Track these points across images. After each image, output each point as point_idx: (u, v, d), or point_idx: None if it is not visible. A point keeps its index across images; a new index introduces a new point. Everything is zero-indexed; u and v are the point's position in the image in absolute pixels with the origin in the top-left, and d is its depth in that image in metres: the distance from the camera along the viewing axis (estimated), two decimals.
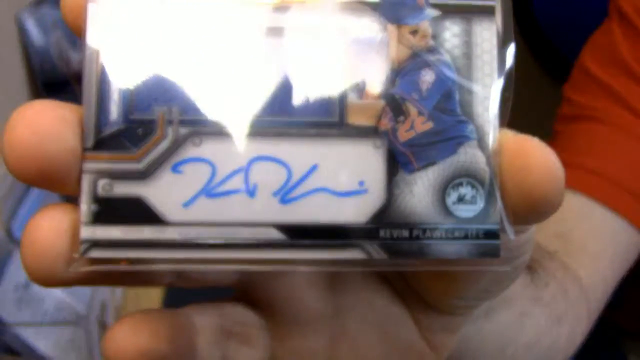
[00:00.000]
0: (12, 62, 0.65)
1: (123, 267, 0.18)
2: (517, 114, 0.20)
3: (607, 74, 0.55)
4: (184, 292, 0.24)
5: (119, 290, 0.65)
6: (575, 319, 0.46)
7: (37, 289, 0.56)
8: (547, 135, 0.58)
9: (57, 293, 0.58)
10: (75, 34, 0.19)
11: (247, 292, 0.24)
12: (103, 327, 0.57)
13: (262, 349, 0.24)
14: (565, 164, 0.56)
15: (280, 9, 0.19)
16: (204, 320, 0.22)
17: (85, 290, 0.58)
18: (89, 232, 0.18)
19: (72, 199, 0.19)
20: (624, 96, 0.53)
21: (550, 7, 1.12)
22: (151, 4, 0.19)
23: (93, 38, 0.18)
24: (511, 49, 0.20)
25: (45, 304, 0.56)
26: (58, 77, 0.68)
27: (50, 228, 0.18)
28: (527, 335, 0.39)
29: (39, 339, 0.53)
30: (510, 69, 0.19)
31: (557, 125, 0.58)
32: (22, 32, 0.65)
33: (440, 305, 0.24)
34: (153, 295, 0.65)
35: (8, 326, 0.52)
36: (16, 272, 0.55)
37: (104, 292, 0.58)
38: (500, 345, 0.34)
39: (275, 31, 0.19)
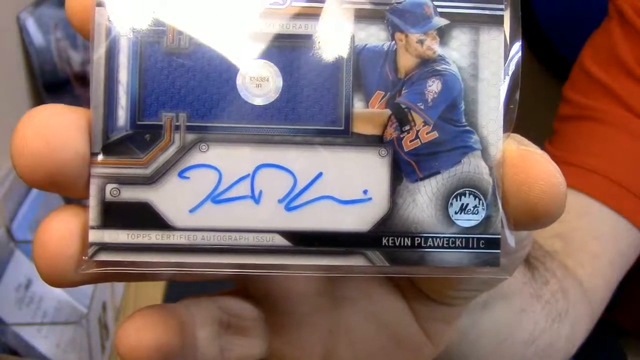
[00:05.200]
0: (12, 62, 0.65)
1: (130, 270, 0.19)
2: (517, 113, 0.20)
3: (606, 74, 0.54)
4: (184, 291, 0.24)
5: (119, 291, 0.65)
6: (575, 318, 0.46)
7: (37, 289, 0.56)
8: (548, 135, 0.58)
9: (57, 293, 0.58)
10: (82, 36, 0.19)
11: (246, 285, 0.25)
12: (103, 327, 0.57)
13: (260, 340, 0.24)
14: (565, 163, 0.55)
15: (290, 16, 0.19)
16: (203, 313, 0.23)
17: (85, 291, 0.58)
18: (97, 235, 0.18)
19: (75, 200, 0.19)
20: (624, 96, 0.53)
21: (550, 7, 1.12)
22: (158, 11, 0.19)
23: (100, 43, 0.18)
24: (518, 59, 0.19)
25: (45, 304, 0.56)
26: (58, 77, 0.68)
27: (61, 232, 0.18)
28: (525, 332, 0.39)
29: (39, 339, 0.53)
30: (517, 79, 0.19)
31: (556, 124, 0.58)
32: (23, 32, 0.65)
33: (437, 296, 0.24)
34: (153, 296, 0.65)
35: (8, 326, 0.52)
36: (16, 272, 0.55)
37: (104, 293, 0.58)
38: (498, 340, 0.34)
39: (284, 38, 0.19)
